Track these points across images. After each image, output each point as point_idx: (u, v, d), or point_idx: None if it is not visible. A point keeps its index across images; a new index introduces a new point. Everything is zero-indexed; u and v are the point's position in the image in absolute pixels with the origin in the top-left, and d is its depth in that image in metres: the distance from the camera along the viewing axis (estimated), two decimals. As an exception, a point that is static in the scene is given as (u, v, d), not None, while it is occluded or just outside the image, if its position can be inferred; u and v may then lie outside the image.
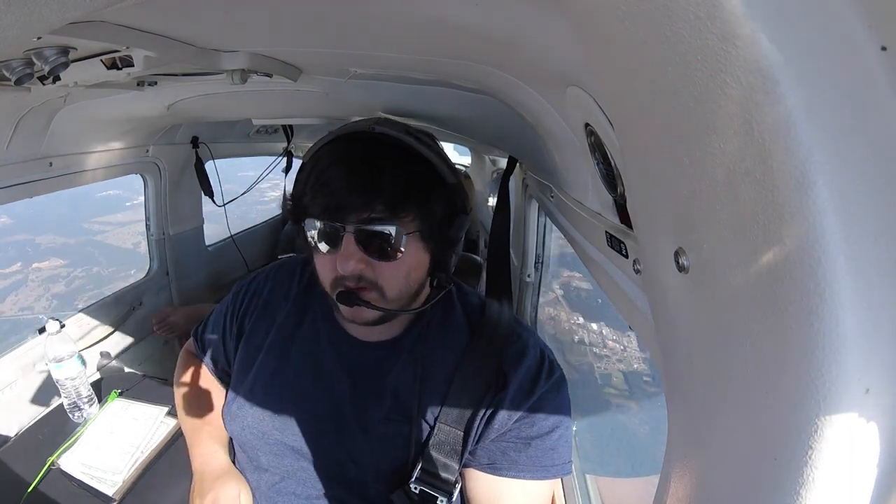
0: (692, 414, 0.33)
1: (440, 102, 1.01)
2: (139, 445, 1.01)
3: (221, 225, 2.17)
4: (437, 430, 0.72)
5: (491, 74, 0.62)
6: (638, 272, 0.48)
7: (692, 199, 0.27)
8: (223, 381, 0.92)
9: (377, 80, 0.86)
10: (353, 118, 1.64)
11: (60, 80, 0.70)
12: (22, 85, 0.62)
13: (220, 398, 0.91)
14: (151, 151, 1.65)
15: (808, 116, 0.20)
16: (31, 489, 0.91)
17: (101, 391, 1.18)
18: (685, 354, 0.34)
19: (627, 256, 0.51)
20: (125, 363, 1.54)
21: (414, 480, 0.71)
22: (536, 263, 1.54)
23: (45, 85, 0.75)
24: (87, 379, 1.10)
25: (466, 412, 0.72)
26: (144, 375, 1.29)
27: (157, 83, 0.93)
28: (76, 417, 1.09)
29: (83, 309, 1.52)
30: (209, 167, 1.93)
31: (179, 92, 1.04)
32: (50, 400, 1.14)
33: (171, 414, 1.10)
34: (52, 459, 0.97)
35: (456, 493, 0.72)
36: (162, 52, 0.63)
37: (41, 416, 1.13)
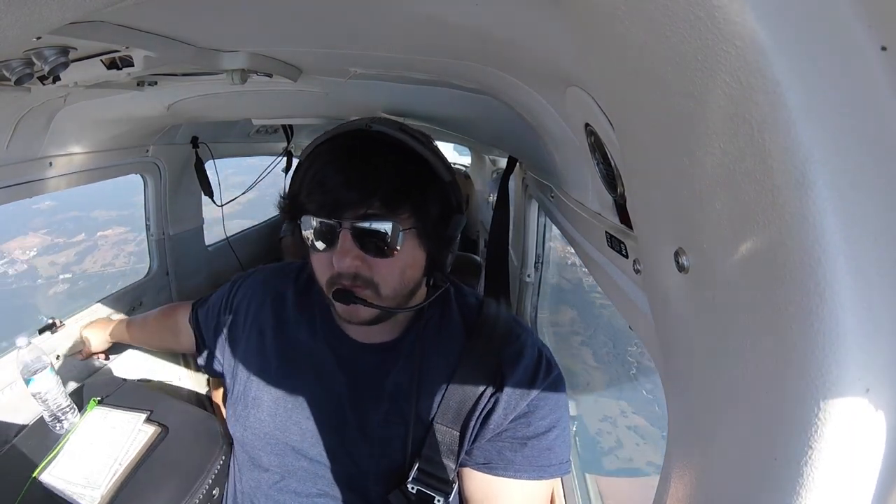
0: (692, 413, 0.33)
1: (440, 102, 1.01)
2: (117, 456, 0.99)
3: (232, 221, 2.15)
4: (434, 429, 0.72)
5: (491, 74, 0.62)
6: (638, 272, 0.48)
7: (692, 199, 0.27)
8: (200, 346, 0.99)
9: (377, 79, 0.86)
10: (353, 118, 1.64)
11: (60, 80, 0.70)
12: (22, 85, 0.62)
13: (178, 339, 1.10)
14: (151, 151, 1.64)
15: (808, 116, 0.20)
16: None
17: (83, 397, 1.15)
18: (685, 354, 0.34)
19: (627, 256, 0.51)
20: (122, 364, 1.54)
21: (411, 480, 0.71)
22: (536, 263, 1.54)
23: (45, 85, 0.75)
24: (62, 389, 1.07)
25: (463, 411, 0.71)
26: (125, 380, 1.27)
27: (157, 83, 0.93)
28: (58, 429, 1.06)
29: (83, 309, 1.52)
30: (209, 167, 1.93)
31: (179, 92, 1.04)
32: (34, 412, 1.12)
33: (149, 420, 1.08)
34: (34, 475, 0.96)
35: (453, 492, 0.72)
36: (162, 52, 0.63)
37: (25, 430, 1.10)
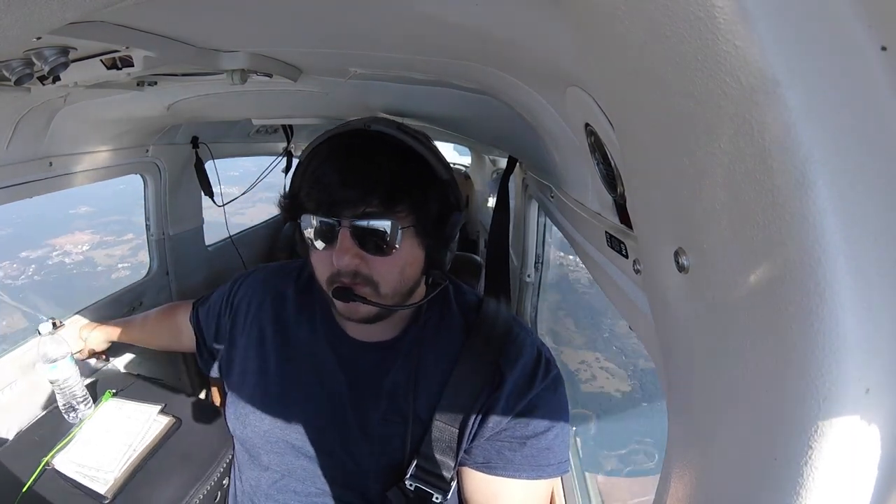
0: (692, 414, 0.33)
1: (440, 102, 1.01)
2: (132, 444, 1.01)
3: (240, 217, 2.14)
4: (432, 427, 0.72)
5: (491, 74, 0.62)
6: (638, 272, 0.48)
7: (692, 199, 0.27)
8: (200, 345, 0.98)
9: (377, 80, 0.86)
10: (353, 118, 1.64)
11: (60, 80, 0.70)
12: (22, 85, 0.62)
13: (179, 339, 1.09)
14: (151, 151, 1.64)
15: (808, 116, 0.20)
16: (25, 490, 0.92)
17: (96, 392, 1.18)
18: (685, 354, 0.34)
19: (627, 256, 0.51)
20: (123, 363, 1.54)
21: (409, 477, 0.71)
22: (536, 263, 1.54)
23: (45, 85, 0.75)
24: (80, 379, 1.10)
25: (461, 409, 0.71)
26: (138, 375, 1.29)
27: (157, 83, 0.93)
28: (71, 418, 1.09)
29: (83, 309, 1.52)
30: (209, 167, 1.93)
31: (179, 92, 1.04)
32: (48, 400, 1.14)
33: (163, 412, 1.11)
34: (46, 459, 0.97)
35: (451, 490, 0.72)
36: (162, 52, 0.63)
37: (38, 417, 1.13)
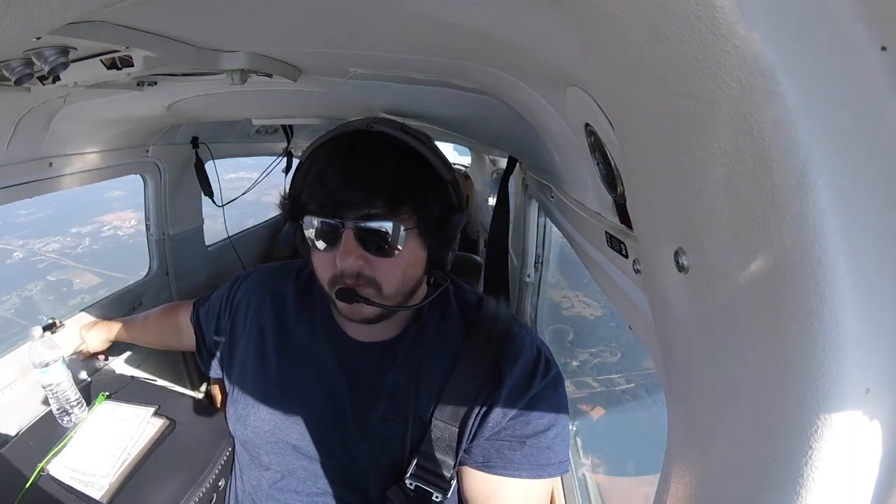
0: (692, 414, 0.33)
1: (440, 102, 1.00)
2: (126, 447, 1.01)
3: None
4: (432, 426, 0.72)
5: (491, 74, 0.62)
6: (638, 272, 0.48)
7: (692, 199, 0.27)
8: (200, 345, 0.98)
9: (377, 80, 0.86)
10: (353, 118, 1.64)
11: (60, 80, 0.70)
12: (22, 85, 0.62)
13: (179, 338, 1.10)
14: (151, 151, 1.64)
15: (808, 116, 0.20)
16: (20, 496, 0.91)
17: (90, 394, 1.17)
18: (685, 354, 0.34)
19: (627, 256, 0.51)
20: (123, 363, 1.54)
21: (409, 476, 0.71)
22: (536, 263, 1.54)
23: (45, 85, 0.75)
24: (73, 383, 1.09)
25: (461, 409, 0.72)
26: (133, 377, 1.29)
27: (157, 83, 0.93)
28: (65, 422, 1.08)
29: (83, 309, 1.52)
30: (209, 167, 1.93)
31: (179, 92, 1.04)
32: (48, 402, 1.14)
33: (157, 414, 1.10)
34: (41, 466, 0.97)
35: (451, 489, 0.72)
36: (162, 52, 0.63)
37: (32, 422, 1.12)
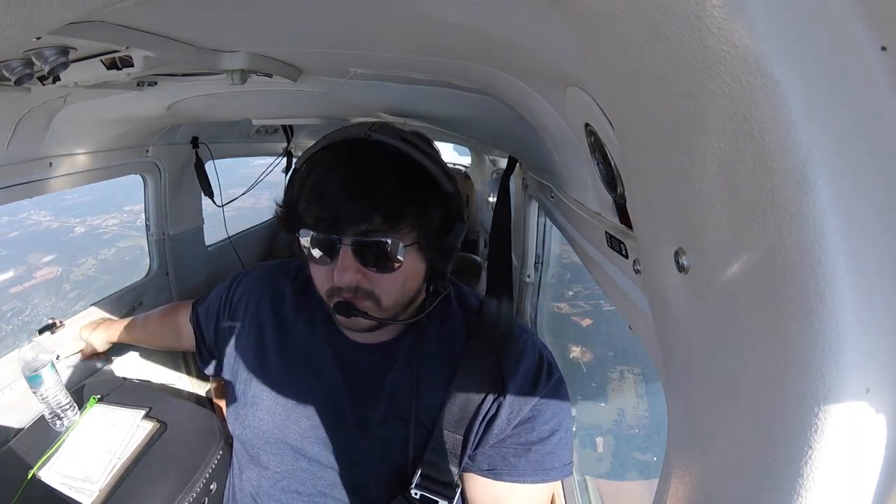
0: (692, 414, 0.33)
1: (440, 102, 1.00)
2: (116, 452, 1.00)
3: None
4: (435, 434, 0.72)
5: (491, 74, 0.62)
6: (638, 272, 0.48)
7: (692, 199, 0.27)
8: (200, 345, 0.98)
9: (377, 80, 0.86)
10: (353, 118, 1.64)
11: (60, 80, 0.70)
12: (22, 85, 0.62)
13: (179, 339, 1.09)
14: (151, 152, 1.64)
15: (808, 116, 0.20)
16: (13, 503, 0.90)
17: (83, 396, 1.16)
18: (685, 354, 0.34)
19: (627, 256, 0.51)
20: (123, 363, 1.54)
21: (414, 486, 0.71)
22: (536, 264, 1.54)
23: (45, 85, 0.75)
24: (63, 387, 1.08)
25: (465, 416, 0.71)
26: (125, 378, 1.28)
27: (157, 83, 0.93)
28: (58, 426, 1.07)
29: (83, 309, 1.52)
30: (209, 167, 1.93)
31: (179, 92, 1.04)
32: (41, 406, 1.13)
33: (148, 417, 1.09)
34: (32, 472, 0.96)
35: (456, 497, 0.72)
36: (162, 52, 0.63)
37: (26, 427, 1.11)
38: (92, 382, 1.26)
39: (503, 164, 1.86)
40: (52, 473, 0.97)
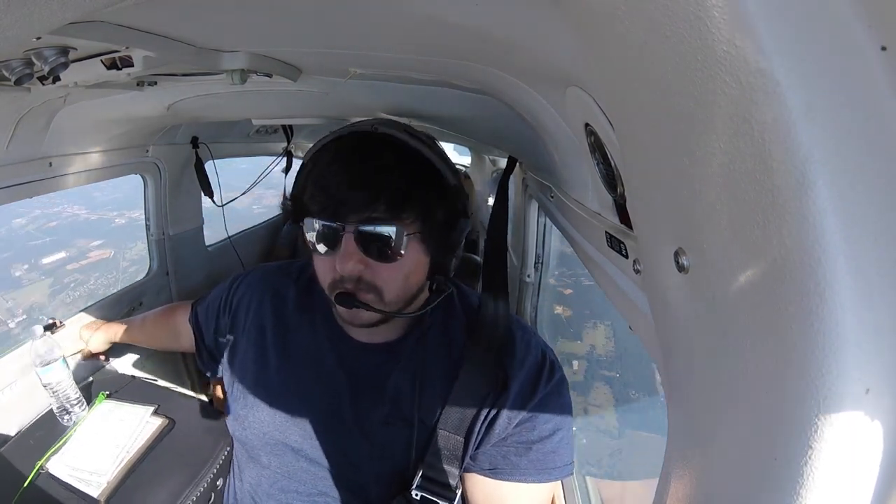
0: (692, 414, 0.33)
1: (440, 102, 1.00)
2: (125, 446, 1.01)
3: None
4: (437, 435, 0.72)
5: (491, 74, 0.62)
6: (638, 272, 0.48)
7: (692, 199, 0.27)
8: (199, 345, 0.98)
9: (377, 80, 0.86)
10: (353, 118, 1.64)
11: (60, 80, 0.70)
12: (22, 85, 0.62)
13: (178, 339, 1.07)
14: (151, 152, 1.64)
15: (808, 116, 0.20)
16: (19, 494, 0.91)
17: (91, 394, 1.17)
18: (685, 354, 0.34)
19: (627, 256, 0.51)
20: (123, 364, 1.54)
21: (415, 487, 0.71)
22: (536, 263, 1.54)
23: (44, 85, 0.75)
24: (73, 382, 1.10)
25: (467, 417, 0.71)
26: (133, 377, 1.29)
27: (157, 83, 0.93)
28: (65, 421, 1.09)
29: (83, 309, 1.52)
30: (209, 167, 1.93)
31: (179, 92, 1.04)
32: (47, 401, 1.14)
33: (156, 413, 1.11)
34: (40, 464, 0.97)
35: (457, 498, 0.72)
36: (162, 52, 0.63)
37: (33, 421, 1.12)
38: (100, 379, 1.27)
39: (503, 164, 1.87)
40: (60, 465, 0.98)
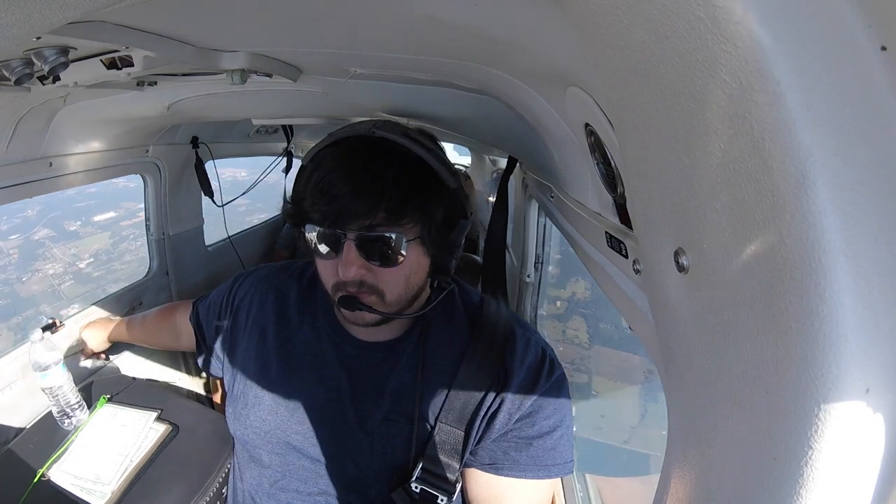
0: (692, 413, 0.33)
1: (440, 102, 1.00)
2: (128, 454, 0.99)
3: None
4: (437, 429, 0.72)
5: (491, 74, 0.62)
6: (638, 272, 0.48)
7: (692, 199, 0.27)
8: (200, 344, 0.98)
9: (377, 80, 0.86)
10: (353, 118, 1.64)
11: (60, 80, 0.70)
12: (22, 85, 0.62)
13: (178, 338, 1.09)
14: (151, 151, 1.64)
15: (807, 116, 0.20)
16: (20, 502, 0.90)
17: (91, 396, 1.15)
18: (685, 354, 0.34)
19: (627, 256, 0.51)
20: (123, 363, 1.54)
21: (415, 480, 0.71)
22: (536, 263, 1.54)
23: (45, 85, 0.75)
24: (73, 386, 1.08)
25: (467, 412, 0.72)
26: (134, 378, 1.28)
27: (157, 83, 0.93)
28: (66, 425, 1.07)
29: (83, 309, 1.52)
30: (209, 167, 1.93)
31: (179, 92, 1.04)
32: (46, 402, 1.13)
33: (160, 419, 1.09)
34: (41, 472, 0.95)
35: (457, 492, 0.73)
36: (162, 52, 0.63)
37: (32, 424, 1.11)
38: (100, 381, 1.26)
39: (503, 164, 1.87)
40: (62, 473, 0.96)
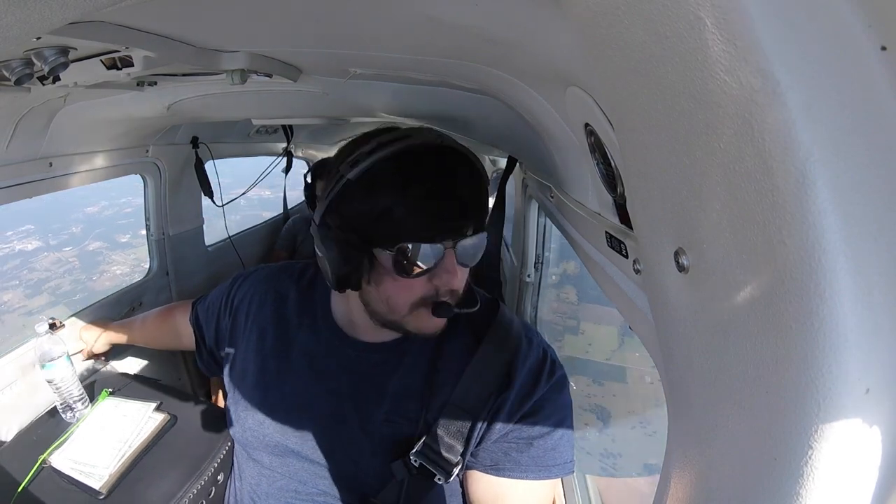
0: (692, 414, 0.33)
1: (440, 102, 1.00)
2: (126, 440, 1.03)
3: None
4: (445, 411, 0.73)
5: (491, 74, 0.62)
6: (638, 272, 0.48)
7: (692, 199, 0.27)
8: (199, 345, 0.99)
9: (377, 80, 0.86)
10: (353, 118, 1.63)
11: (60, 80, 0.70)
12: (22, 85, 0.62)
13: (178, 339, 1.09)
14: (151, 152, 1.64)
15: (808, 116, 0.20)
16: (21, 489, 0.92)
17: (94, 392, 1.19)
18: (685, 354, 0.34)
19: (627, 256, 0.51)
20: (123, 364, 1.54)
21: (415, 453, 0.71)
22: (536, 263, 1.54)
23: (44, 85, 0.75)
24: (77, 379, 1.12)
25: (474, 405, 0.72)
26: (135, 376, 1.31)
27: (156, 83, 0.93)
28: (69, 417, 1.10)
29: (83, 309, 1.52)
30: (209, 167, 1.93)
31: (179, 92, 1.04)
32: (48, 400, 1.16)
33: (158, 409, 1.13)
34: (42, 458, 0.99)
35: (454, 475, 0.72)
36: (161, 52, 0.63)
37: (36, 417, 1.14)
38: (103, 378, 1.29)
39: (503, 164, 1.87)
40: (62, 459, 1.00)
